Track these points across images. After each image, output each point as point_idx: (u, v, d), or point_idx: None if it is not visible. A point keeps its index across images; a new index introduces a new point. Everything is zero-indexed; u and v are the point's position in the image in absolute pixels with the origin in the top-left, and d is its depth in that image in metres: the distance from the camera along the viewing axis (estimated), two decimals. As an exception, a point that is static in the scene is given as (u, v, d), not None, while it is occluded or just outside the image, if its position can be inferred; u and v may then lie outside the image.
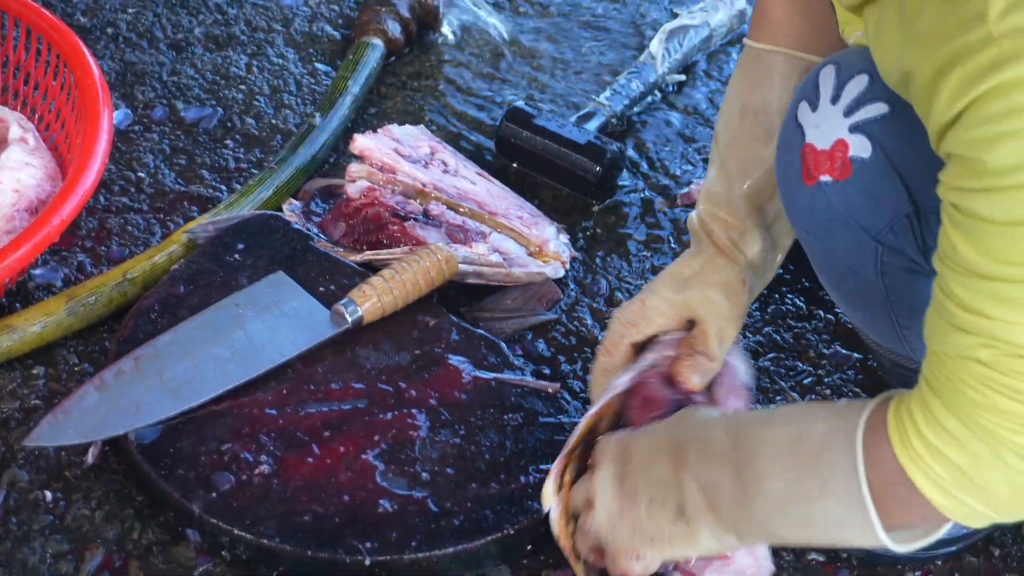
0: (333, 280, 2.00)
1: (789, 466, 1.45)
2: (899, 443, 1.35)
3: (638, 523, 1.57)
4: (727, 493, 1.50)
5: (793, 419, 1.49)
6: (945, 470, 1.32)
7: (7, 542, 1.74)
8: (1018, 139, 1.18)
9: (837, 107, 1.55)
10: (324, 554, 1.68)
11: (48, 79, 2.17)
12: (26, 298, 2.02)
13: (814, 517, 1.44)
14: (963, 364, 1.28)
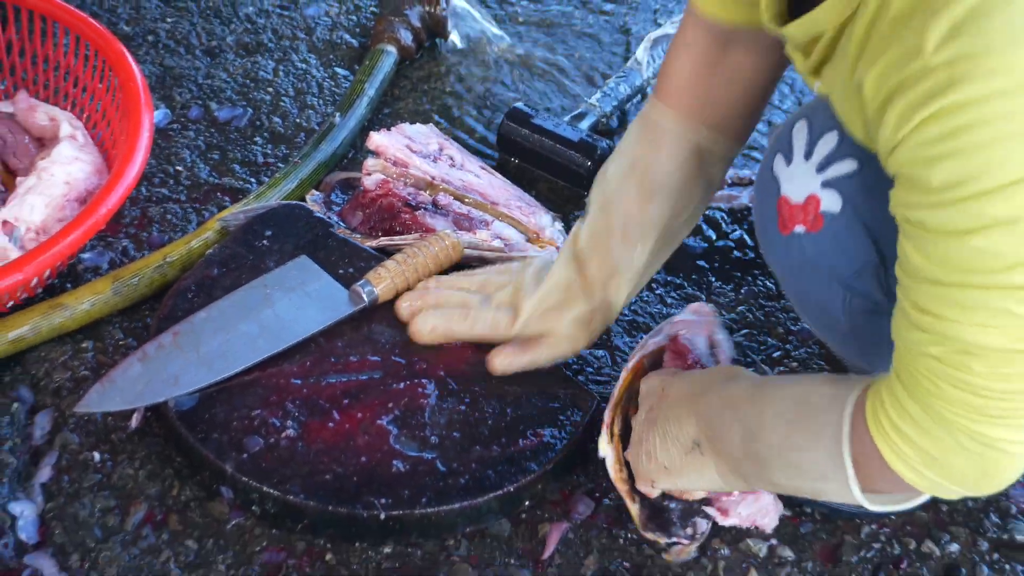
0: (351, 263, 2.00)
1: (789, 419, 1.49)
2: (873, 423, 1.38)
3: (652, 451, 1.66)
4: (735, 438, 1.56)
5: (803, 382, 1.53)
6: (912, 450, 1.35)
7: (60, 498, 1.75)
8: (955, 159, 1.19)
9: (810, 163, 1.56)
10: (343, 509, 1.69)
11: (95, 82, 2.17)
12: (76, 279, 2.03)
13: (803, 466, 1.49)
14: (920, 359, 1.31)
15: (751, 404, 1.55)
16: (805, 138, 1.57)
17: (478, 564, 1.73)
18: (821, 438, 1.45)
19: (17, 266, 1.80)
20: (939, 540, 1.80)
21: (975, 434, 1.31)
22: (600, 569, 1.73)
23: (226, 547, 1.71)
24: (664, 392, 1.69)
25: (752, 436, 1.53)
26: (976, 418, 1.30)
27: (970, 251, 1.22)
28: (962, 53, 1.16)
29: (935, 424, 1.32)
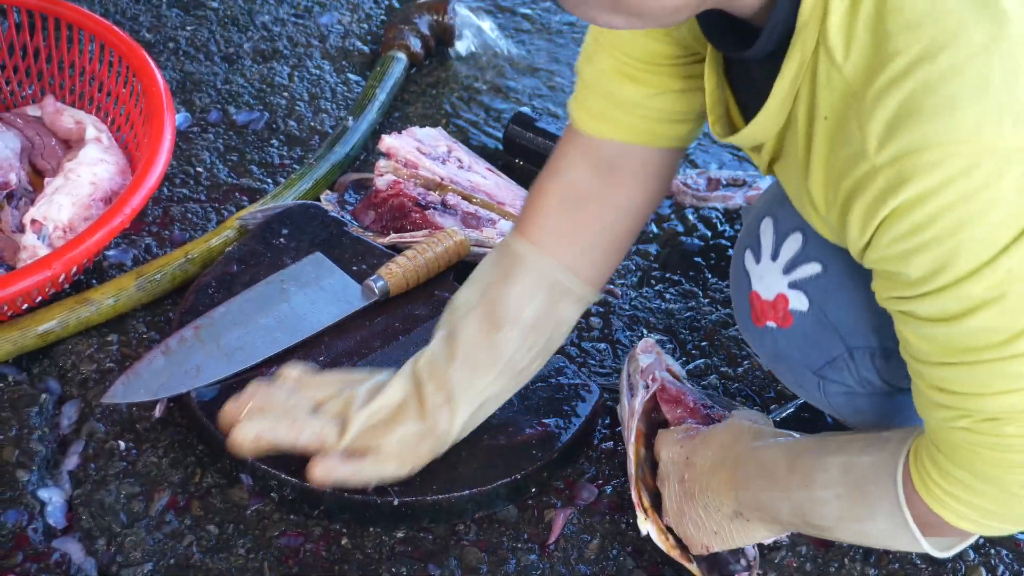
0: (364, 260, 1.99)
1: (840, 494, 1.46)
2: (926, 494, 1.36)
3: (698, 520, 1.62)
4: (784, 511, 1.53)
5: (843, 449, 1.48)
6: (970, 510, 1.34)
7: (87, 485, 1.74)
8: (928, 250, 1.17)
9: (777, 264, 1.55)
10: (359, 495, 1.68)
11: (119, 87, 2.16)
12: (101, 275, 2.02)
13: (867, 532, 1.47)
14: (950, 432, 1.29)
15: (792, 479, 1.51)
16: (771, 238, 1.55)
17: (487, 548, 1.72)
18: (878, 510, 1.42)
19: (46, 263, 1.79)
20: (927, 525, 1.79)
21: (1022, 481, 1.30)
22: (604, 553, 1.72)
23: (246, 532, 1.70)
24: (690, 461, 1.65)
25: (804, 512, 1.50)
26: (1021, 470, 1.28)
27: (968, 332, 1.21)
28: (903, 150, 1.14)
29: (984, 484, 1.31)
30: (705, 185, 2.27)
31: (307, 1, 2.67)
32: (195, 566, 1.66)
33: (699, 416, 1.75)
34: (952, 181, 1.13)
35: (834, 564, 1.74)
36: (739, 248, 1.62)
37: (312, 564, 1.68)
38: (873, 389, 1.59)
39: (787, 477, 1.51)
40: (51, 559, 1.65)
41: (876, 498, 1.42)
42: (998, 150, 1.13)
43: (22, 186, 2.04)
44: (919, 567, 1.74)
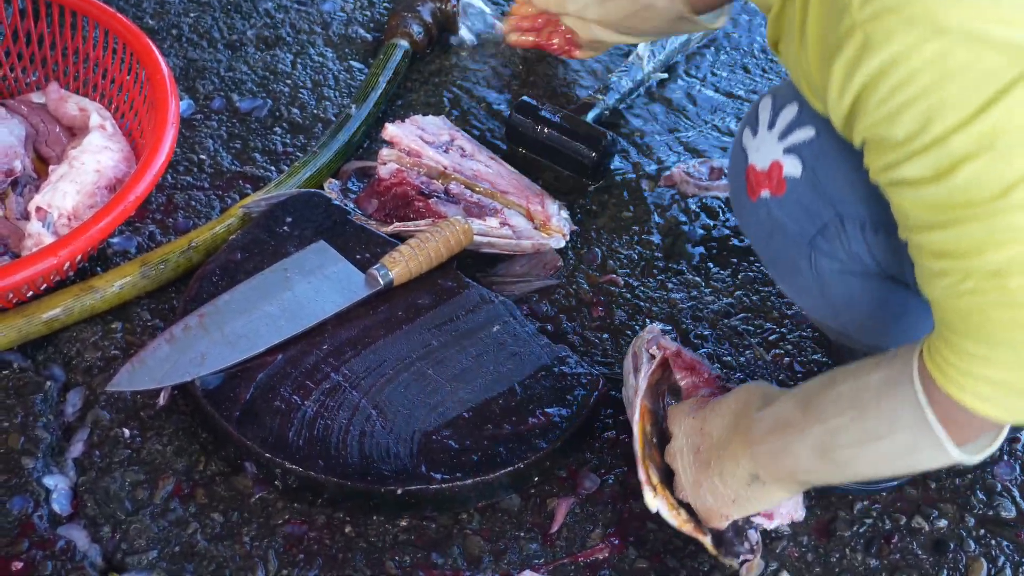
0: (368, 248, 2.00)
1: (856, 416, 1.45)
2: (942, 377, 1.33)
3: (715, 490, 1.62)
4: (804, 456, 1.52)
5: (850, 376, 1.48)
6: (990, 387, 1.31)
7: (92, 472, 1.74)
8: (910, 109, 1.19)
9: (773, 132, 1.58)
10: (362, 484, 1.69)
11: (123, 74, 2.16)
12: (105, 263, 2.02)
13: (887, 451, 1.44)
14: (957, 300, 1.28)
15: (808, 419, 1.51)
16: (769, 111, 1.59)
17: (489, 537, 1.73)
18: (898, 421, 1.41)
19: (51, 251, 1.80)
20: (928, 516, 1.80)
21: None
22: (606, 542, 1.73)
23: (250, 519, 1.71)
24: (704, 431, 1.65)
25: (825, 449, 1.49)
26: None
27: (957, 188, 1.21)
28: (882, 7, 1.17)
29: (999, 350, 1.28)
30: (707, 174, 2.27)
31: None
32: (199, 553, 1.67)
33: (713, 386, 1.77)
34: (924, 41, 1.16)
35: (835, 554, 1.75)
36: (739, 130, 1.66)
37: (316, 552, 1.69)
38: (864, 268, 1.61)
39: (802, 420, 1.51)
40: (56, 546, 1.66)
41: (894, 409, 1.41)
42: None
43: (27, 173, 2.04)
44: (920, 557, 1.75)
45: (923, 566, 1.75)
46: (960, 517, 1.80)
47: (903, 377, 1.39)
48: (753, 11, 2.72)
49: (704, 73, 2.55)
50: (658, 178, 2.29)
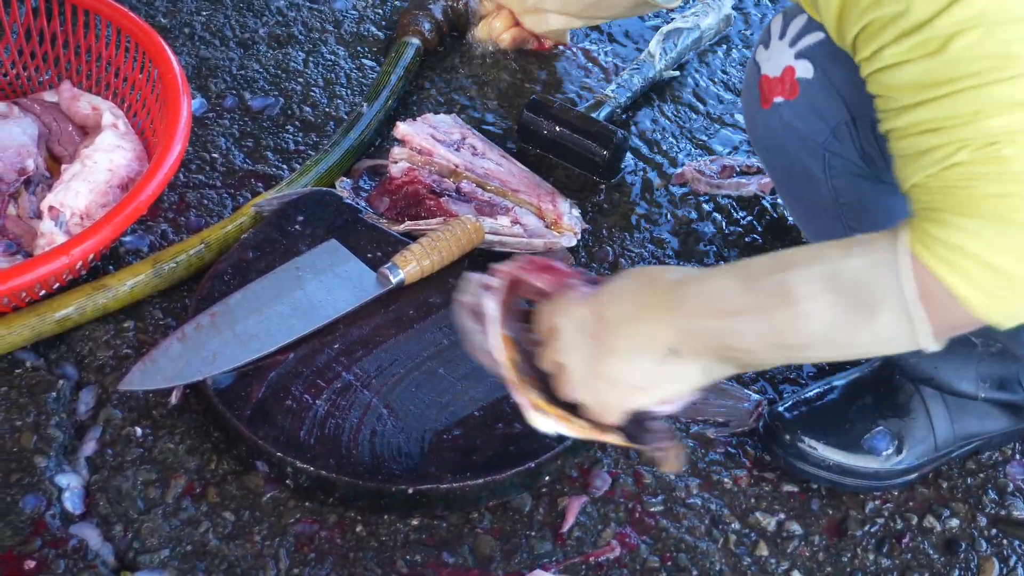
0: (379, 247, 2.00)
1: (834, 301, 1.33)
2: (927, 254, 1.27)
3: (619, 376, 1.43)
4: (746, 336, 1.38)
5: (814, 260, 1.37)
6: (980, 267, 1.25)
7: (104, 471, 1.75)
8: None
9: (784, 40, 1.64)
10: (373, 483, 1.69)
11: (135, 73, 2.16)
12: (118, 261, 2.02)
13: (859, 342, 1.36)
14: (946, 173, 1.24)
15: (762, 300, 1.37)
16: (780, 23, 1.65)
17: (500, 536, 1.73)
18: (882, 307, 1.32)
19: (64, 250, 1.80)
20: (940, 515, 1.80)
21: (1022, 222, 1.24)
22: (617, 541, 1.73)
23: (262, 519, 1.71)
24: (604, 316, 1.43)
25: (778, 333, 1.37)
26: (1019, 204, 1.23)
27: (951, 61, 1.20)
28: None
29: (985, 224, 1.24)
30: (719, 172, 2.28)
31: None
32: (211, 552, 1.67)
33: (581, 278, 1.53)
34: None
35: (847, 553, 1.75)
36: (752, 52, 1.71)
37: (327, 551, 1.69)
38: (876, 172, 1.64)
39: (751, 303, 1.38)
40: (69, 545, 1.66)
41: (879, 296, 1.32)
42: None
43: (39, 172, 2.04)
44: (932, 557, 1.75)
45: (935, 566, 1.75)
46: (972, 516, 1.80)
47: (888, 260, 1.31)
48: (765, 8, 2.72)
49: (715, 71, 2.55)
50: (670, 176, 2.29)
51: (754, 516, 1.78)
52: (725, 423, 1.88)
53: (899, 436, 1.78)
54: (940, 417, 1.79)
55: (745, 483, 1.82)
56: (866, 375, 1.84)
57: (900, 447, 1.78)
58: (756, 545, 1.75)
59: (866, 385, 1.83)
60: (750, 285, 1.38)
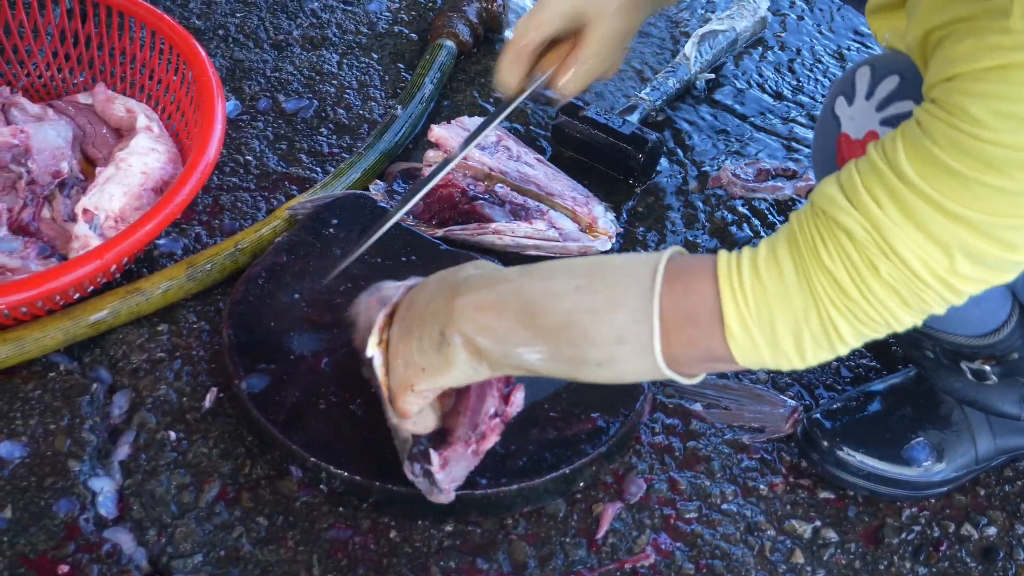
0: (413, 251, 1.99)
1: (581, 285, 1.38)
2: (724, 265, 1.31)
3: (409, 356, 1.49)
4: (508, 316, 1.42)
5: (591, 259, 1.44)
6: (754, 298, 1.29)
7: (138, 475, 1.74)
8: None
9: (871, 102, 1.55)
10: (407, 489, 1.68)
11: (169, 75, 2.16)
12: (152, 264, 2.02)
13: (597, 336, 1.37)
14: (834, 229, 1.26)
15: (524, 280, 1.43)
16: (868, 81, 1.57)
17: (535, 542, 1.72)
18: (625, 298, 1.35)
19: (98, 253, 1.79)
20: (977, 523, 1.78)
21: (825, 319, 1.28)
22: (652, 548, 1.72)
23: (295, 524, 1.71)
24: (412, 303, 1.52)
25: (531, 310, 1.40)
26: (836, 303, 1.27)
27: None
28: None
29: (799, 285, 1.28)
30: (755, 176, 2.27)
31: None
32: (244, 558, 1.67)
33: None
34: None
35: (883, 561, 1.74)
36: (831, 96, 1.63)
37: (361, 557, 1.68)
38: None
39: (518, 278, 1.43)
40: (102, 549, 1.66)
41: (627, 286, 1.36)
42: None
43: (74, 175, 2.04)
44: (969, 565, 1.74)
45: (972, 574, 1.74)
46: (1010, 525, 1.79)
47: (649, 263, 1.36)
48: (801, 11, 2.70)
49: (751, 74, 2.54)
50: (705, 179, 2.28)
51: (790, 523, 1.77)
52: (761, 429, 1.87)
53: (939, 447, 1.77)
54: (982, 431, 1.77)
55: (781, 490, 1.81)
56: (907, 383, 1.83)
57: (940, 458, 1.77)
58: (792, 553, 1.74)
59: (907, 394, 1.81)
60: (522, 269, 1.45)
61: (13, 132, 2.01)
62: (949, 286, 1.24)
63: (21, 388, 1.83)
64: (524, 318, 1.41)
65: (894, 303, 1.26)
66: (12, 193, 1.98)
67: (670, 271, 1.35)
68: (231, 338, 1.83)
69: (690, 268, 1.35)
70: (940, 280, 1.24)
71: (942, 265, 1.23)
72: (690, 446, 1.85)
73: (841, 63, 2.59)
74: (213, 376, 1.87)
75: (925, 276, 1.23)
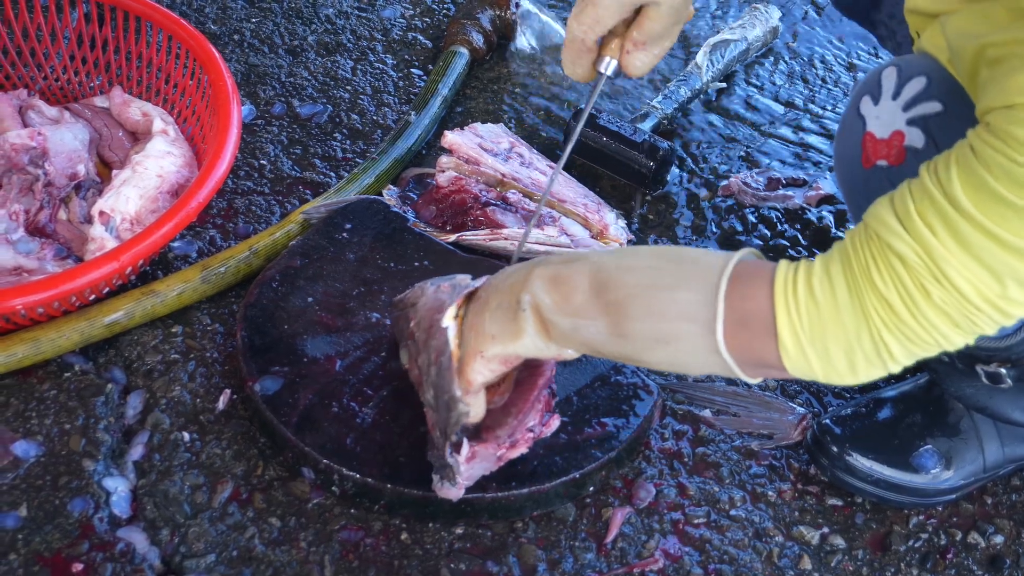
0: (426, 256, 2.00)
1: (655, 266, 1.43)
2: (782, 279, 1.33)
3: (481, 327, 1.53)
4: (581, 287, 1.45)
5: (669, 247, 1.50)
6: (808, 317, 1.31)
7: (151, 475, 1.75)
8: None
9: (897, 102, 1.56)
10: (419, 491, 1.69)
11: (185, 79, 2.17)
12: (166, 267, 2.03)
13: (664, 311, 1.40)
14: (887, 253, 1.28)
15: (604, 258, 1.48)
16: (894, 80, 1.57)
17: (544, 545, 1.73)
18: (693, 282, 1.38)
19: (114, 255, 1.81)
20: (984, 532, 1.79)
21: (877, 339, 1.29)
22: (661, 552, 1.73)
23: (307, 525, 1.72)
24: (493, 279, 1.57)
25: (602, 283, 1.44)
26: (888, 325, 1.28)
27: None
28: None
29: (851, 307, 1.29)
30: (765, 184, 2.27)
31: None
32: (257, 558, 1.68)
33: None
34: None
35: (891, 568, 1.74)
36: (855, 97, 1.64)
37: (372, 559, 1.69)
38: None
39: (596, 257, 1.48)
40: (116, 548, 1.67)
41: (698, 270, 1.39)
42: None
43: (90, 177, 2.05)
44: (976, 573, 1.75)
45: (979, 582, 1.74)
46: (1017, 533, 1.79)
47: (721, 257, 1.38)
48: (813, 21, 2.71)
49: (763, 83, 2.55)
50: (716, 188, 2.29)
51: (798, 529, 1.78)
52: (770, 435, 1.88)
53: (947, 455, 1.77)
54: (991, 439, 1.78)
55: (789, 496, 1.82)
56: (917, 391, 1.83)
57: (948, 465, 1.77)
58: (800, 559, 1.75)
59: (916, 402, 1.82)
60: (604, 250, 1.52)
61: (31, 134, 2.02)
62: (1000, 310, 1.26)
63: (37, 388, 1.84)
64: (595, 291, 1.44)
65: (946, 326, 1.28)
66: (29, 195, 2.00)
67: (736, 273, 1.37)
68: (245, 340, 1.85)
69: (751, 275, 1.37)
70: (992, 305, 1.25)
71: (994, 291, 1.24)
72: (699, 452, 1.86)
73: (852, 73, 2.60)
74: (227, 378, 1.88)
75: (977, 301, 1.25)
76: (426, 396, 1.65)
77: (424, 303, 1.68)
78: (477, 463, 1.62)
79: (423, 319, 1.66)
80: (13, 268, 1.91)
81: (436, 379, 1.60)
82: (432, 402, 1.63)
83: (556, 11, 2.68)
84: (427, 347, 1.63)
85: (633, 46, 1.67)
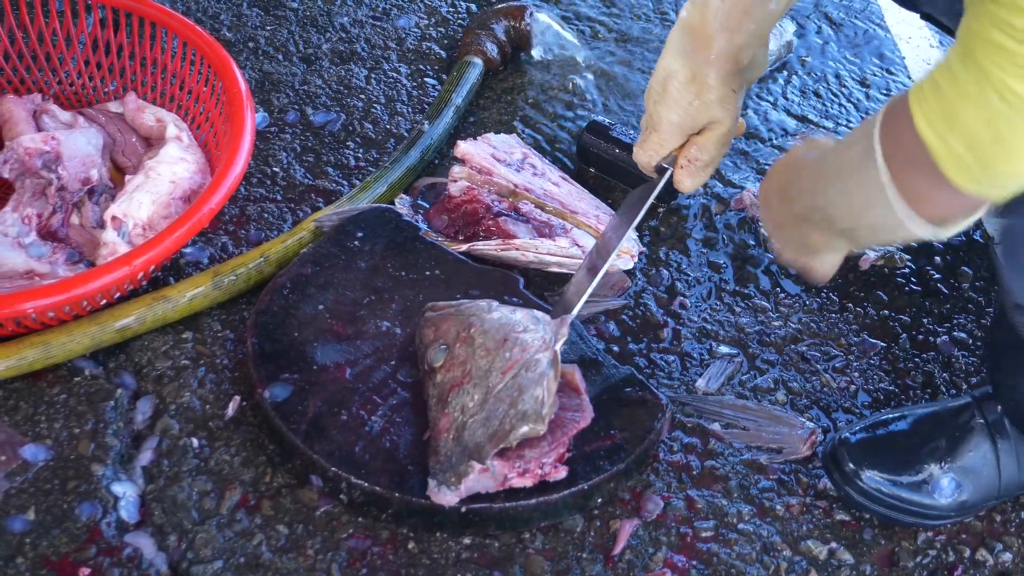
0: (437, 265, 2.00)
1: (834, 148, 1.50)
2: (914, 96, 1.29)
3: (802, 239, 1.61)
4: (803, 195, 1.55)
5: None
6: (939, 107, 1.26)
7: (160, 480, 1.76)
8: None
9: None
10: (427, 501, 1.69)
11: (200, 86, 2.18)
12: (178, 273, 2.03)
13: (834, 164, 1.48)
14: (991, 28, 1.20)
15: (809, 168, 1.56)
16: None
17: (551, 557, 1.72)
18: (855, 137, 1.42)
19: (126, 260, 1.81)
20: (992, 549, 1.78)
21: (1004, 89, 1.20)
22: (668, 566, 1.73)
23: (315, 533, 1.72)
24: (793, 181, 1.63)
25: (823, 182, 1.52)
26: (1012, 70, 1.19)
27: None
28: None
29: (966, 70, 1.22)
30: (777, 198, 2.27)
31: (385, 3, 2.68)
32: (264, 565, 1.68)
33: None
34: None
35: (898, 584, 1.74)
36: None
37: (379, 567, 1.69)
38: None
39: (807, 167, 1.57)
40: (123, 553, 1.67)
41: (856, 140, 1.40)
42: None
43: (103, 182, 2.06)
44: (983, 590, 1.75)
45: (987, 600, 1.74)
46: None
47: (868, 122, 1.39)
48: (827, 36, 2.71)
49: (776, 97, 2.54)
50: (728, 201, 2.28)
51: (805, 544, 1.77)
52: (779, 450, 1.88)
53: (963, 478, 1.76)
54: (1009, 466, 1.77)
55: (797, 511, 1.82)
56: (941, 413, 1.82)
57: (963, 488, 1.76)
58: (807, 573, 1.74)
59: (936, 424, 1.80)
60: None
61: (44, 139, 2.03)
62: None
63: (47, 392, 1.84)
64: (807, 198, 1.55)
65: None
66: (42, 199, 2.00)
67: (886, 117, 1.35)
68: (255, 347, 1.85)
69: (893, 110, 1.34)
70: None
71: None
72: (708, 465, 1.85)
73: (865, 89, 2.60)
74: (236, 384, 1.88)
75: None
76: (462, 399, 1.72)
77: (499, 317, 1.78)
78: (486, 477, 1.64)
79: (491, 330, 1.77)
80: (25, 272, 1.91)
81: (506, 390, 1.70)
82: (475, 408, 1.68)
83: (572, 25, 2.68)
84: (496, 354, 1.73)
85: (687, 162, 1.84)
